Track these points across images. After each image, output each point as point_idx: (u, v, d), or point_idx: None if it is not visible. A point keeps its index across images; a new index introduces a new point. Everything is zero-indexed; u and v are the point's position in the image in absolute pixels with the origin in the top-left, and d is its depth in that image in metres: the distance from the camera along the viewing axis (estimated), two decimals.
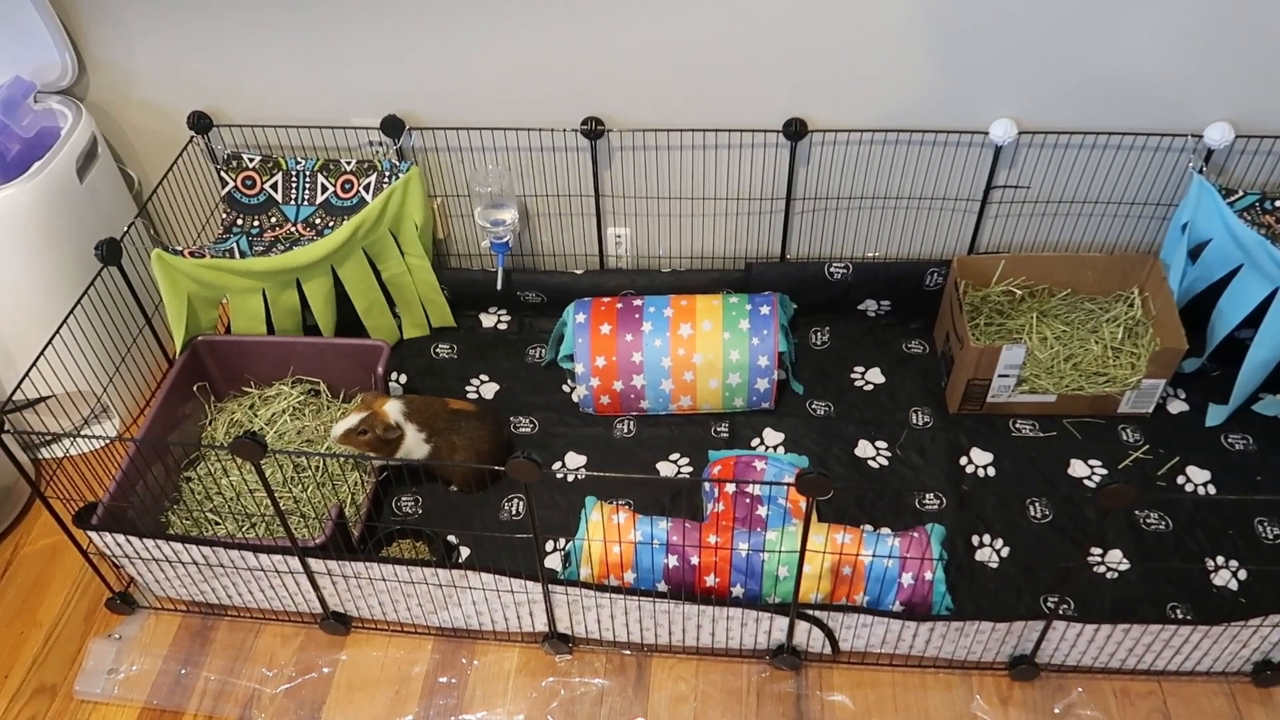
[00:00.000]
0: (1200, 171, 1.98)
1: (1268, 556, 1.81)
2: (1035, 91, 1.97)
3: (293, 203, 2.16)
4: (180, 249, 1.98)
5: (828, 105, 2.02)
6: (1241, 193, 2.00)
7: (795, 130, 2.02)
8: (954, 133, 2.03)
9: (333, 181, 2.14)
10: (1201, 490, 1.92)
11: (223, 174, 2.15)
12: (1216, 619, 1.55)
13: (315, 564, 1.65)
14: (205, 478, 1.96)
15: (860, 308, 2.27)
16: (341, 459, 1.93)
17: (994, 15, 1.87)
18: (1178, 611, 1.74)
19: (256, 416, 2.06)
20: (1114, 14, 1.85)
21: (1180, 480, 1.94)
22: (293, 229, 2.14)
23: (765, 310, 2.02)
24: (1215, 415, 2.03)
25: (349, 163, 2.14)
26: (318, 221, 2.14)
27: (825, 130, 2.05)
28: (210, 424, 2.07)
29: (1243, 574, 1.78)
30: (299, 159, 2.15)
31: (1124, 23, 1.86)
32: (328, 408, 2.09)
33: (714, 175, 2.14)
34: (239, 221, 2.15)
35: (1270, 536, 1.84)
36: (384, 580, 1.66)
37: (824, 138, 2.06)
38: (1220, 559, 1.81)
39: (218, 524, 1.88)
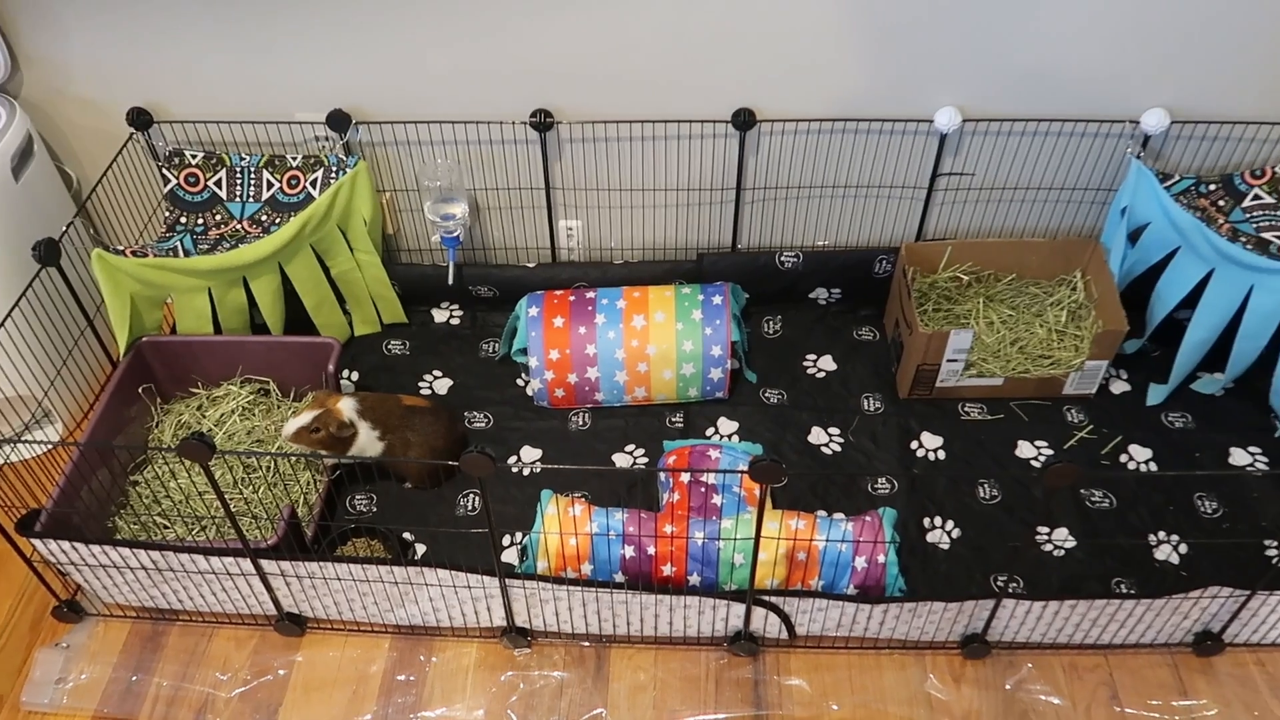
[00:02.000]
0: (1138, 157, 2.02)
1: (1207, 530, 1.86)
2: (978, 80, 2.00)
3: (238, 199, 2.12)
4: (122, 248, 1.94)
5: (776, 95, 2.03)
6: (1178, 177, 2.05)
7: (744, 120, 2.03)
8: (899, 121, 2.05)
9: (278, 177, 2.11)
10: (1143, 468, 1.98)
11: (164, 171, 2.11)
12: (1159, 592, 1.59)
13: (268, 565, 1.63)
14: (153, 481, 1.92)
15: (811, 296, 2.29)
16: (293, 458, 1.91)
17: (934, 4, 1.89)
18: (1122, 586, 1.78)
19: (205, 418, 2.03)
20: (1052, 2, 1.88)
21: (1123, 459, 1.99)
22: (238, 226, 2.11)
23: (717, 300, 2.03)
24: (1156, 395, 2.08)
25: (295, 158, 2.11)
26: (264, 218, 2.11)
27: (774, 120, 2.06)
28: (157, 426, 2.03)
29: (1183, 548, 1.83)
30: (243, 155, 2.12)
31: (1061, 11, 1.89)
32: (278, 407, 2.06)
33: (664, 166, 2.15)
34: (182, 219, 2.11)
35: (1209, 511, 1.89)
36: (339, 579, 1.65)
37: (772, 127, 2.08)
38: (1162, 534, 1.86)
39: (167, 528, 1.85)
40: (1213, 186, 2.05)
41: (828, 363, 2.19)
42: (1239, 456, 1.99)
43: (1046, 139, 2.08)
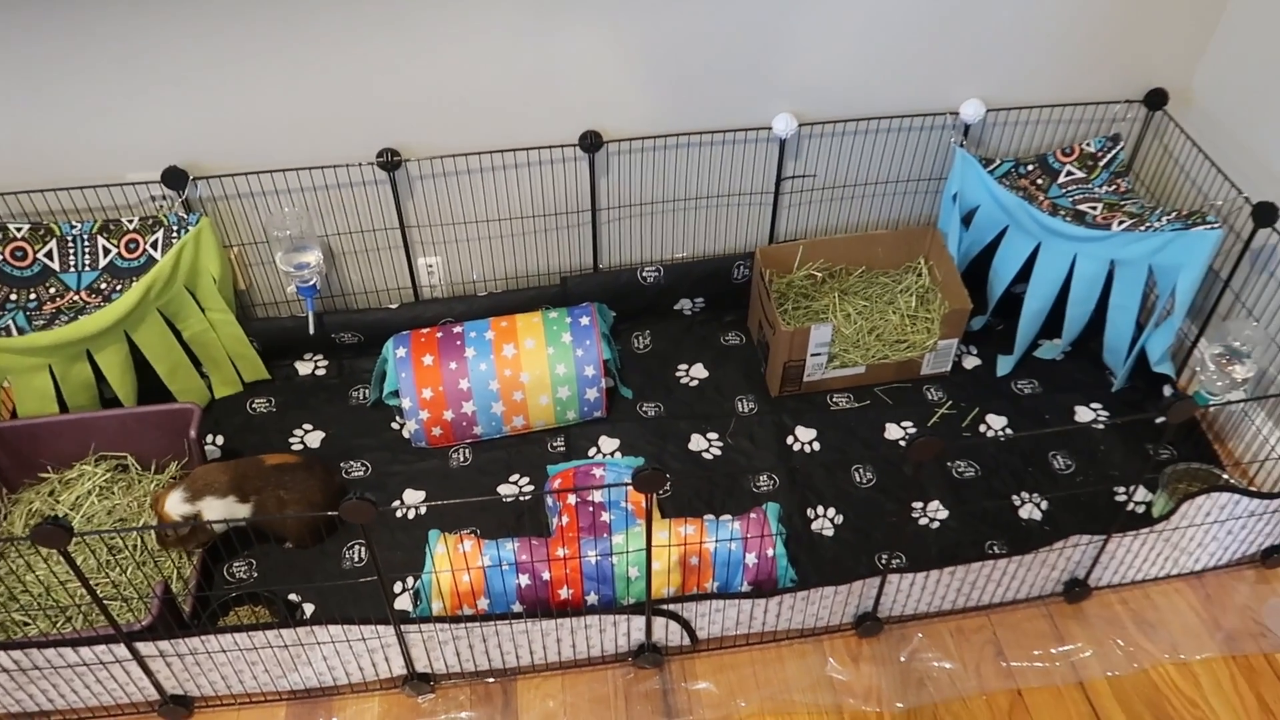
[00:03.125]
0: (961, 145, 2.16)
1: (1063, 485, 1.99)
2: (808, 85, 2.09)
3: (72, 270, 2.01)
4: None
5: (620, 115, 2.08)
6: (999, 161, 2.19)
7: (591, 142, 2.06)
8: (739, 130, 2.13)
9: (115, 242, 2.02)
10: (1001, 435, 2.10)
11: None
12: (1027, 548, 1.69)
13: (145, 647, 1.54)
14: (7, 576, 1.79)
15: (676, 308, 2.34)
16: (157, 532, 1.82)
17: (756, 19, 1.97)
18: (994, 547, 1.88)
19: (59, 502, 1.91)
20: (862, 7, 1.99)
21: (982, 428, 2.11)
22: (76, 297, 2.00)
23: (585, 321, 2.05)
24: (1004, 365, 2.22)
25: (131, 221, 2.02)
26: (103, 286, 2.01)
27: (620, 140, 2.10)
28: (4, 518, 1.90)
29: (1044, 504, 1.95)
30: (74, 223, 2.01)
31: (873, 14, 2.00)
32: (139, 482, 1.96)
33: (519, 194, 2.16)
34: (12, 296, 1.99)
35: (1063, 467, 2.02)
36: (224, 652, 1.58)
37: (620, 147, 2.12)
38: (1024, 494, 1.97)
39: (27, 624, 1.73)
40: (1030, 167, 2.20)
41: (699, 370, 2.24)
42: (1083, 414, 2.13)
43: (878, 136, 2.19)
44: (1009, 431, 2.09)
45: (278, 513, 1.81)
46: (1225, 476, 1.95)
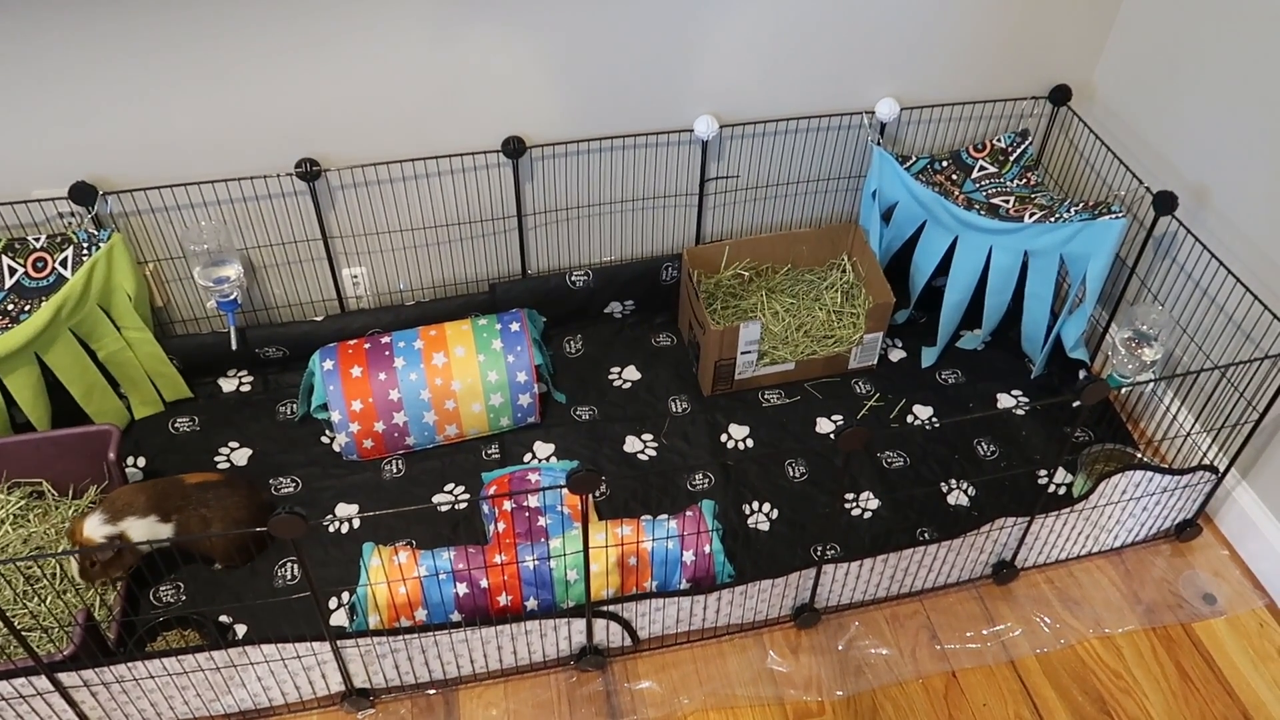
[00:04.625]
0: (878, 143, 2.21)
1: (988, 470, 2.05)
2: (726, 88, 2.11)
3: None
4: None
5: (542, 120, 2.08)
6: (914, 158, 2.25)
7: (514, 148, 2.06)
8: (661, 133, 2.14)
9: (21, 261, 1.95)
10: (927, 424, 2.15)
11: None
12: (955, 533, 1.74)
13: (67, 678, 1.49)
14: None
15: (606, 311, 2.35)
16: (77, 558, 1.75)
17: (672, 21, 1.99)
18: (925, 534, 1.93)
19: None
20: (778, 12, 2.03)
21: (910, 419, 2.16)
22: None
23: (515, 327, 2.05)
24: (928, 357, 2.27)
25: (38, 239, 1.95)
26: (10, 308, 1.94)
27: (543, 145, 2.10)
28: None
29: (971, 490, 2.01)
30: None
31: (787, 19, 2.04)
32: (56, 508, 1.89)
33: (443, 201, 2.14)
34: None
35: (988, 453, 2.08)
36: (152, 678, 1.53)
37: (543, 152, 2.12)
38: (952, 481, 2.02)
39: None
40: (945, 163, 2.27)
41: (632, 373, 2.25)
42: (1005, 401, 2.20)
43: (799, 135, 2.23)
44: (935, 421, 2.14)
45: (201, 532, 1.76)
46: (1139, 455, 2.03)
